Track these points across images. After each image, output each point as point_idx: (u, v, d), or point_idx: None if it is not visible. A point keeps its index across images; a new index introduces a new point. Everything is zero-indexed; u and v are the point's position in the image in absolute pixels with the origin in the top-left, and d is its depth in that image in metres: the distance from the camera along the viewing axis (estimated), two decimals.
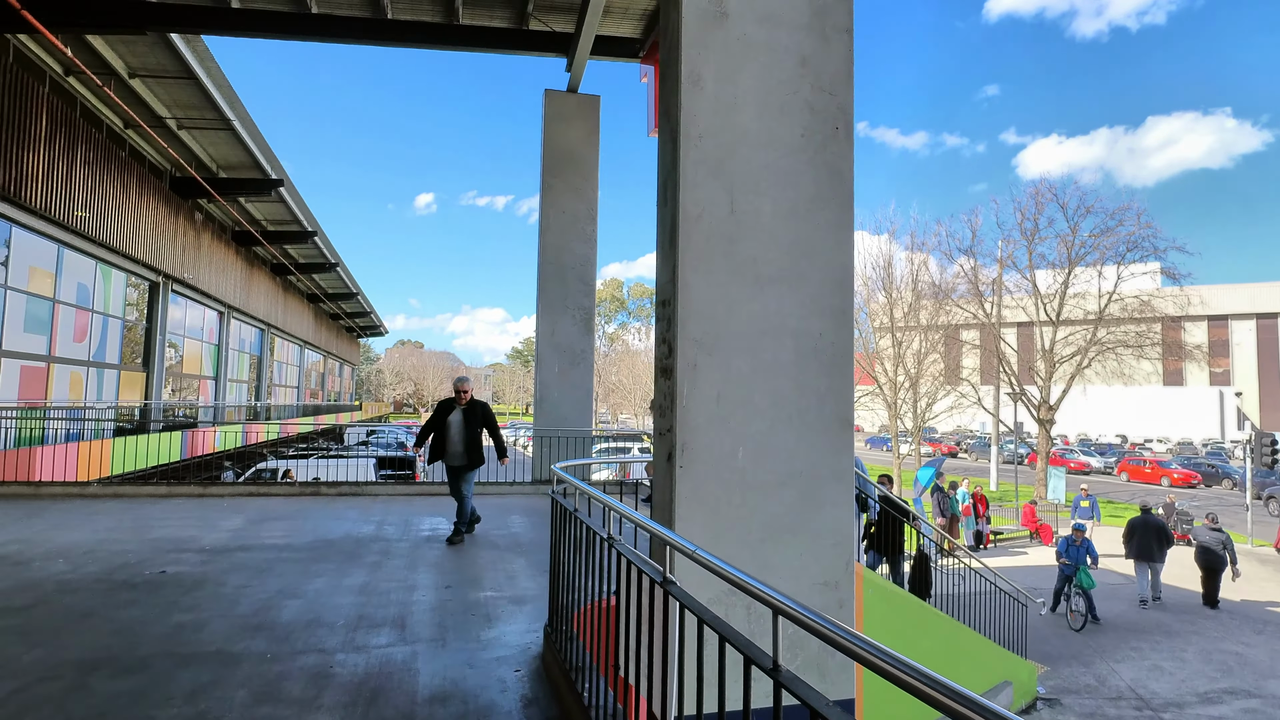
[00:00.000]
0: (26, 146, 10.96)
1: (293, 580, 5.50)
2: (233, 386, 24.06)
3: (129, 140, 16.05)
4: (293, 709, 3.25)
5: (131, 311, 16.46)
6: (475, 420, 7.30)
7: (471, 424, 7.26)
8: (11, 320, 11.80)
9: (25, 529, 7.28)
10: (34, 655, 3.82)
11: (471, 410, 7.32)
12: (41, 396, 12.84)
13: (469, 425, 7.24)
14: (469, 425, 7.24)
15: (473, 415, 7.30)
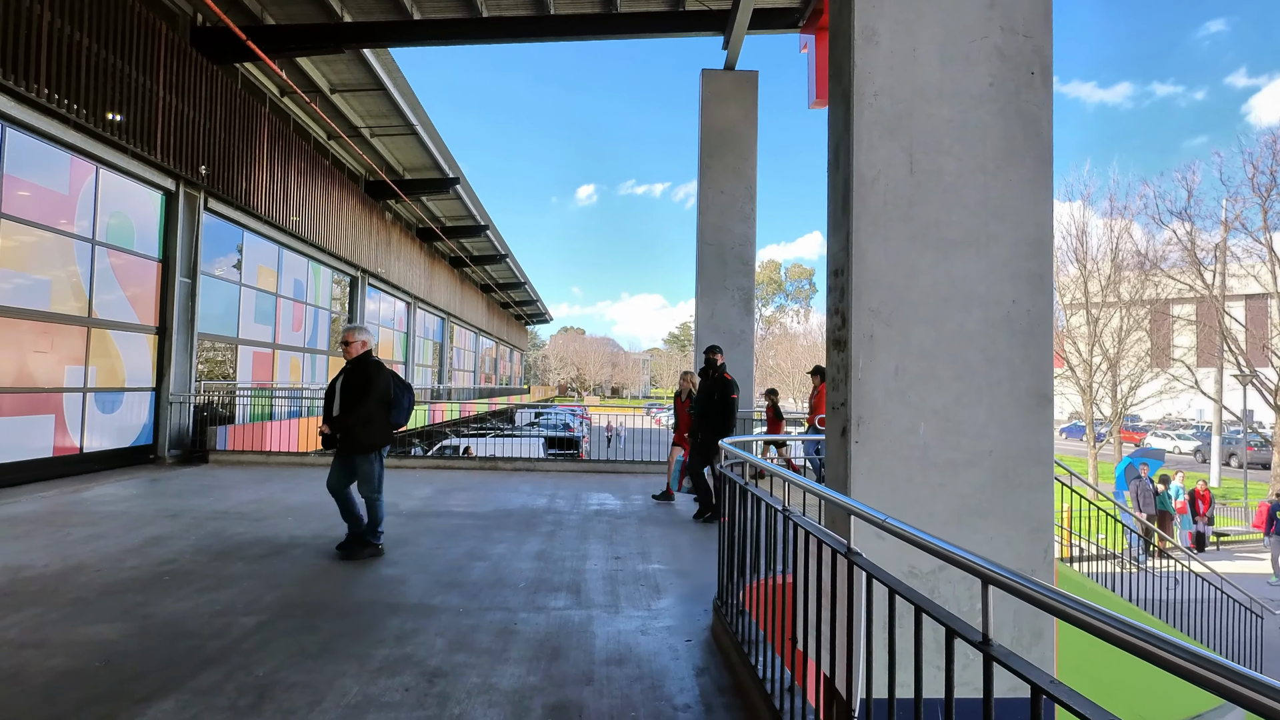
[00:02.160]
0: (253, 161, 12.61)
1: (478, 544, 5.93)
2: (418, 370, 26.35)
3: (331, 150, 17.97)
4: (484, 658, 3.51)
5: (336, 304, 18.49)
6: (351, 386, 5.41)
7: (348, 391, 5.41)
8: (246, 313, 13.69)
9: (261, 491, 8.43)
10: (273, 596, 4.41)
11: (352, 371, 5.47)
12: (269, 378, 14.80)
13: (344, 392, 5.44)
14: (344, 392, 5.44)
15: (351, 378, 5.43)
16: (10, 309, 8.22)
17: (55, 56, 8.09)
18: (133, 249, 10.33)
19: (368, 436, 5.37)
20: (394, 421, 5.51)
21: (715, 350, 7.28)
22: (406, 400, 5.56)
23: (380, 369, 5.47)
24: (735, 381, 7.31)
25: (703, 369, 7.37)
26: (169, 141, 10.19)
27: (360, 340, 5.52)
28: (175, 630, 3.78)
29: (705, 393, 7.21)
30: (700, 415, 7.18)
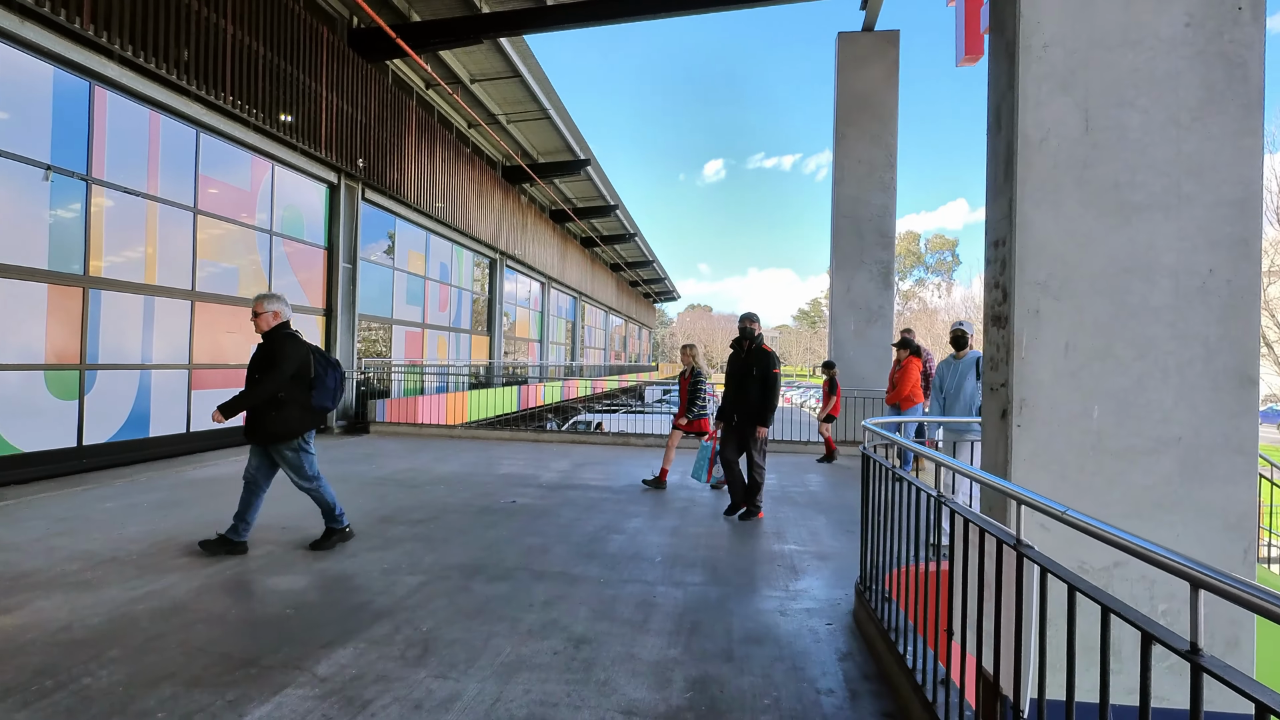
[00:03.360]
0: (403, 152, 13.46)
1: (614, 518, 6.10)
2: (553, 348, 27.34)
3: (471, 138, 18.84)
4: (626, 628, 3.61)
5: (477, 285, 19.49)
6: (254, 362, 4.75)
7: (253, 369, 4.73)
8: (399, 295, 14.73)
9: (414, 460, 9.09)
10: (431, 558, 4.75)
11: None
12: (419, 356, 15.88)
13: (249, 370, 4.80)
14: (249, 370, 4.80)
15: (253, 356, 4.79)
16: (207, 294, 9.30)
17: (236, 65, 8.97)
18: (303, 238, 11.36)
19: (279, 423, 4.58)
20: (318, 404, 4.77)
21: (751, 319, 6.37)
22: (332, 379, 4.82)
23: (293, 344, 4.67)
24: (777, 354, 6.33)
25: (736, 340, 6.39)
26: (332, 138, 11.08)
27: (271, 310, 4.74)
28: (349, 585, 4.16)
29: (741, 367, 6.24)
30: (736, 394, 6.26)
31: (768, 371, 6.12)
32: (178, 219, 8.82)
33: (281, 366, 4.55)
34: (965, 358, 6.48)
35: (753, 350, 6.22)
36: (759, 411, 6.14)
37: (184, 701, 2.72)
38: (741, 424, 6.22)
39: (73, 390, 7.42)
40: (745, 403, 6.17)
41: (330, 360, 4.91)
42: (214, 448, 9.32)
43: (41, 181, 7.05)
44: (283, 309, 4.80)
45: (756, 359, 6.15)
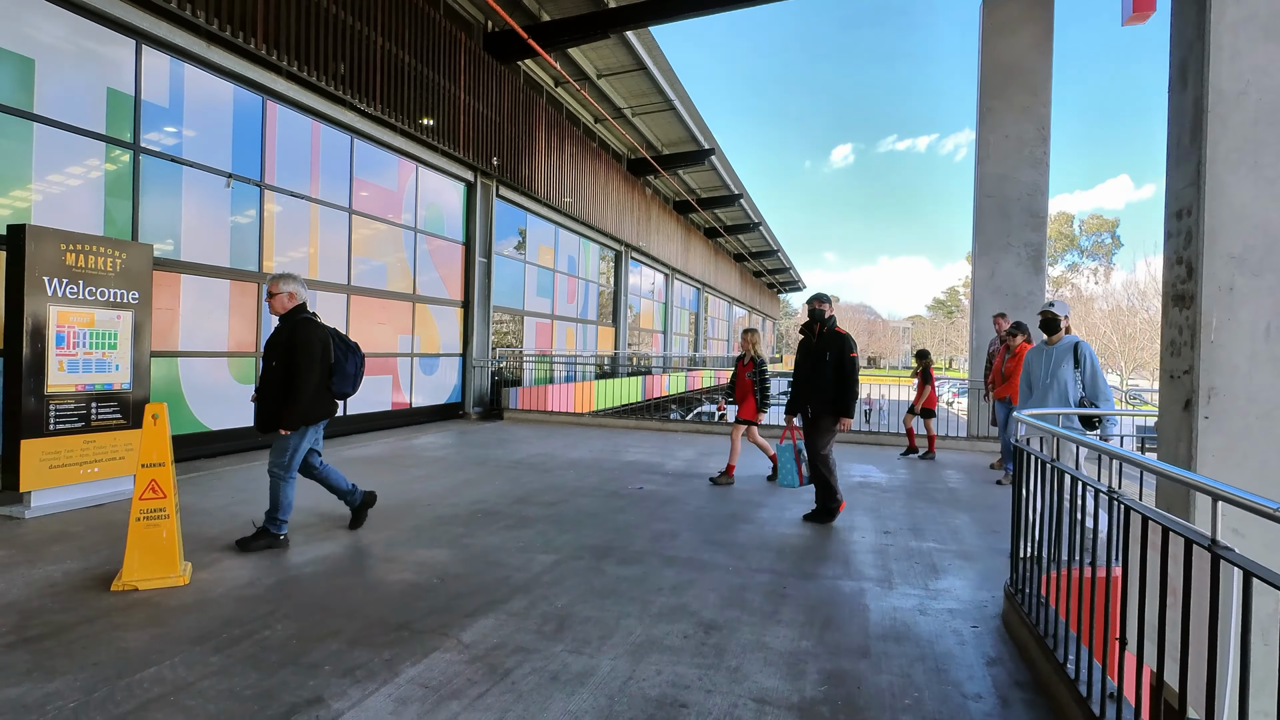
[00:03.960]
0: (534, 149, 13.95)
1: (741, 507, 6.03)
2: (675, 339, 27.46)
3: (597, 133, 19.21)
4: (756, 617, 3.56)
5: (603, 277, 19.90)
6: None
7: (270, 354, 4.54)
8: (530, 288, 15.31)
9: (545, 446, 9.41)
10: (563, 539, 4.90)
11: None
12: (549, 346, 16.44)
13: (265, 356, 4.66)
14: (265, 356, 4.66)
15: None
16: (360, 288, 10.06)
17: (385, 74, 9.61)
18: (443, 234, 12.03)
19: (290, 412, 4.38)
20: (337, 390, 4.60)
21: (822, 299, 5.79)
22: (351, 364, 4.66)
23: (311, 328, 4.45)
24: (852, 337, 5.71)
25: (806, 324, 5.82)
26: (469, 138, 11.65)
27: (287, 292, 4.54)
28: (488, 560, 4.37)
29: (814, 353, 5.66)
30: (806, 383, 5.67)
31: (843, 356, 5.53)
32: (335, 219, 9.60)
33: (310, 353, 4.39)
34: (1059, 344, 5.75)
35: (825, 334, 5.66)
36: (836, 401, 5.55)
37: (346, 657, 2.95)
38: (817, 416, 5.64)
39: (250, 375, 8.27)
40: (819, 392, 5.60)
41: (350, 344, 4.72)
42: (363, 430, 10.10)
43: (224, 189, 7.88)
44: (299, 290, 4.59)
45: (830, 343, 5.60)
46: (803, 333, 5.85)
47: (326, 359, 4.52)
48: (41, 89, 6.10)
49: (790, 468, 6.33)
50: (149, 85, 6.99)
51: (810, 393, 5.65)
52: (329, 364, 4.54)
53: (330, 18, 8.54)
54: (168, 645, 3.00)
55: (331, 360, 4.56)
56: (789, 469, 6.34)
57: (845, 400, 5.53)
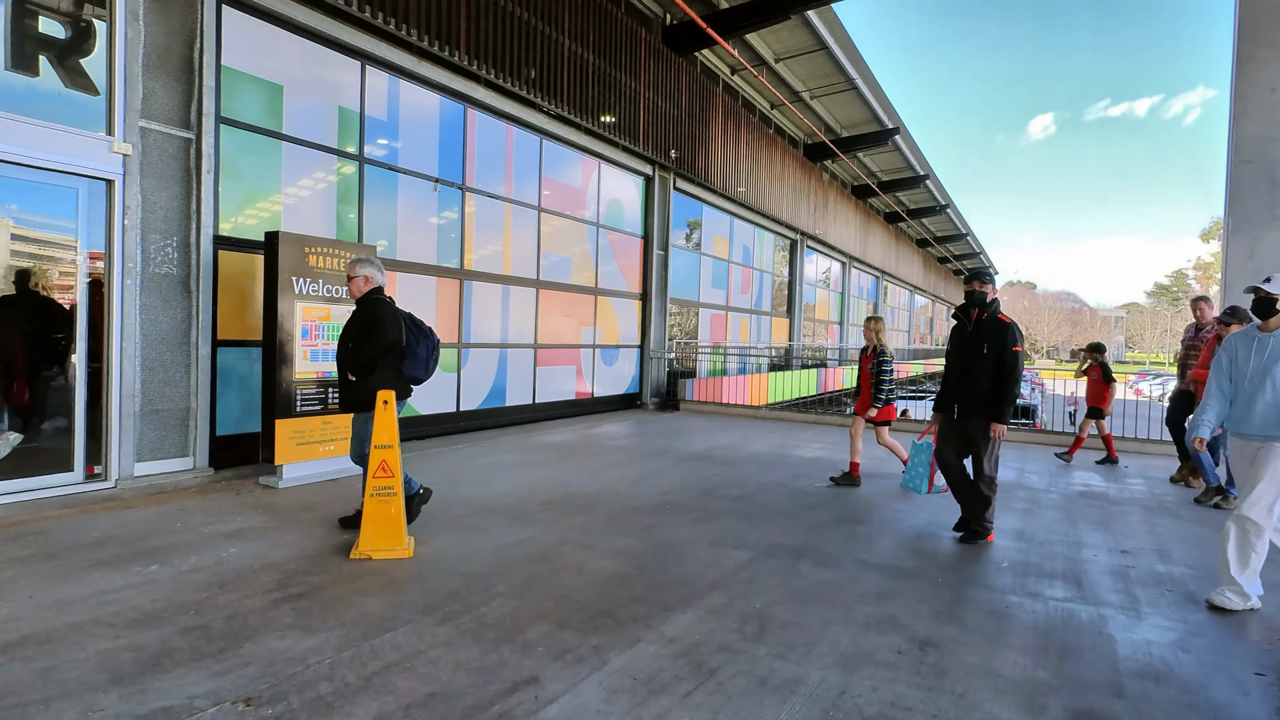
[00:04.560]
0: (710, 139, 13.88)
1: (939, 514, 5.57)
2: (853, 330, 26.28)
3: (773, 120, 18.78)
4: (977, 637, 3.24)
5: (777, 267, 19.46)
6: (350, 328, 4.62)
7: (346, 337, 4.63)
8: (704, 279, 15.31)
9: (723, 438, 9.34)
10: (754, 536, 4.79)
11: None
12: (723, 338, 16.36)
13: (342, 339, 4.70)
14: (342, 339, 4.70)
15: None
16: (548, 282, 10.56)
17: (571, 75, 9.96)
18: (623, 228, 12.32)
19: (364, 393, 4.41)
20: (409, 374, 4.61)
21: (982, 278, 4.83)
22: (424, 348, 4.63)
23: (384, 310, 4.46)
24: (1018, 327, 4.82)
25: (962, 307, 4.94)
26: (649, 132, 11.81)
27: (363, 275, 4.59)
28: (680, 553, 4.36)
29: (969, 343, 4.80)
30: (960, 378, 4.83)
31: (1004, 349, 4.62)
32: (525, 217, 10.13)
33: (384, 330, 4.37)
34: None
35: (985, 321, 4.77)
36: (991, 403, 4.67)
37: (557, 640, 3.04)
38: (966, 418, 4.80)
39: (453, 365, 8.95)
40: (972, 390, 4.74)
41: (423, 329, 4.68)
42: (553, 417, 10.60)
43: (431, 192, 8.56)
44: (374, 273, 4.61)
45: (989, 332, 4.71)
46: (957, 317, 4.99)
47: (397, 344, 4.48)
48: (288, 111, 6.94)
49: (921, 470, 5.54)
50: (371, 102, 7.74)
51: (961, 390, 4.81)
52: (400, 347, 4.51)
53: (522, 25, 8.98)
54: (400, 613, 3.26)
55: (403, 343, 4.52)
56: (918, 471, 5.58)
57: (1000, 402, 4.64)
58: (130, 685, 2.54)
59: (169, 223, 5.88)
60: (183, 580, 3.59)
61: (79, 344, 5.47)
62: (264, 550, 4.13)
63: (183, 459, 6.02)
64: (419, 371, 4.60)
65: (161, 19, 5.77)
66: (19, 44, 5.12)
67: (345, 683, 2.61)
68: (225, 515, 4.84)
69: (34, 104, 5.14)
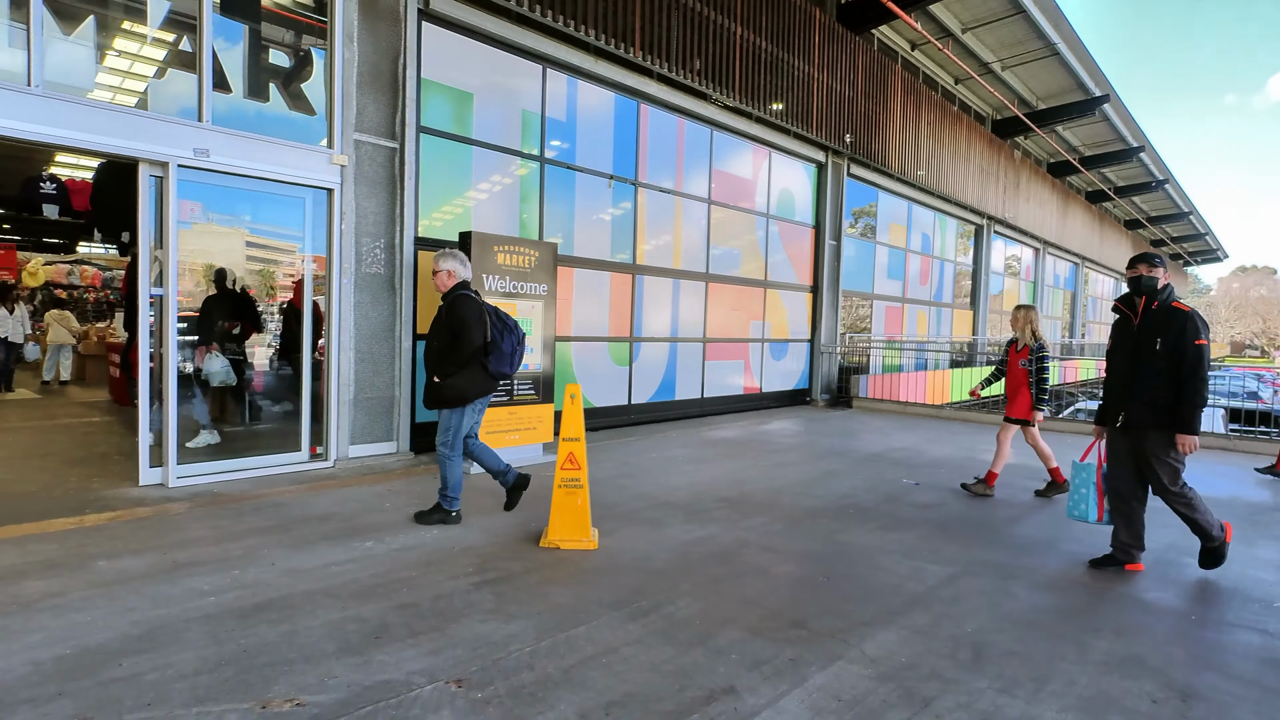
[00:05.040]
0: (887, 121, 13.07)
1: (1182, 536, 4.79)
2: (1045, 323, 23.82)
3: (958, 96, 17.37)
4: (1252, 690, 2.70)
5: (960, 254, 18.02)
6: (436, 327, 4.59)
7: (432, 335, 4.61)
8: (879, 269, 14.48)
9: (903, 439, 8.75)
10: (952, 549, 4.37)
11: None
12: (899, 331, 15.42)
13: (429, 336, 4.65)
14: (429, 336, 4.65)
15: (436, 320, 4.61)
16: (717, 275, 10.44)
17: (743, 62, 9.74)
18: (793, 218, 11.92)
19: (451, 388, 4.42)
20: (494, 370, 4.52)
21: (1150, 261, 3.97)
22: (508, 343, 4.54)
23: (467, 306, 4.42)
24: (1201, 316, 3.88)
25: (1125, 296, 4.13)
26: (821, 117, 11.32)
27: (446, 270, 4.58)
28: (871, 563, 4.07)
29: (1136, 339, 4.01)
30: (1123, 381, 4.04)
31: (1184, 343, 3.78)
32: (695, 210, 10.07)
33: (468, 334, 4.35)
34: None
35: (1156, 311, 3.95)
36: (1174, 410, 3.83)
37: (750, 648, 2.91)
38: (1135, 430, 3.98)
39: (625, 358, 9.09)
40: (1143, 396, 3.93)
41: (508, 323, 4.62)
42: (720, 412, 10.49)
43: (605, 189, 8.73)
44: (457, 268, 4.60)
45: (1162, 325, 3.89)
46: (1119, 310, 4.17)
47: (482, 336, 4.44)
48: (478, 117, 7.34)
49: (1087, 494, 4.34)
50: (551, 103, 8.01)
51: (1129, 395, 4.00)
52: (485, 342, 4.47)
53: (695, 16, 8.89)
54: (590, 606, 3.29)
55: (488, 338, 4.47)
56: (1083, 495, 4.35)
57: (1186, 409, 3.79)
58: (356, 656, 2.73)
59: (377, 226, 6.41)
60: (394, 558, 3.87)
61: (305, 338, 6.11)
62: (461, 534, 4.36)
63: (387, 443, 6.56)
64: (504, 367, 4.57)
65: (372, 39, 6.29)
66: (254, 75, 5.80)
67: (546, 674, 2.64)
68: (425, 498, 5.19)
69: (264, 126, 5.80)
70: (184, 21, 5.42)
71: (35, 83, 4.66)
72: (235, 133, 5.51)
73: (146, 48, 5.45)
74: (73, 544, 3.92)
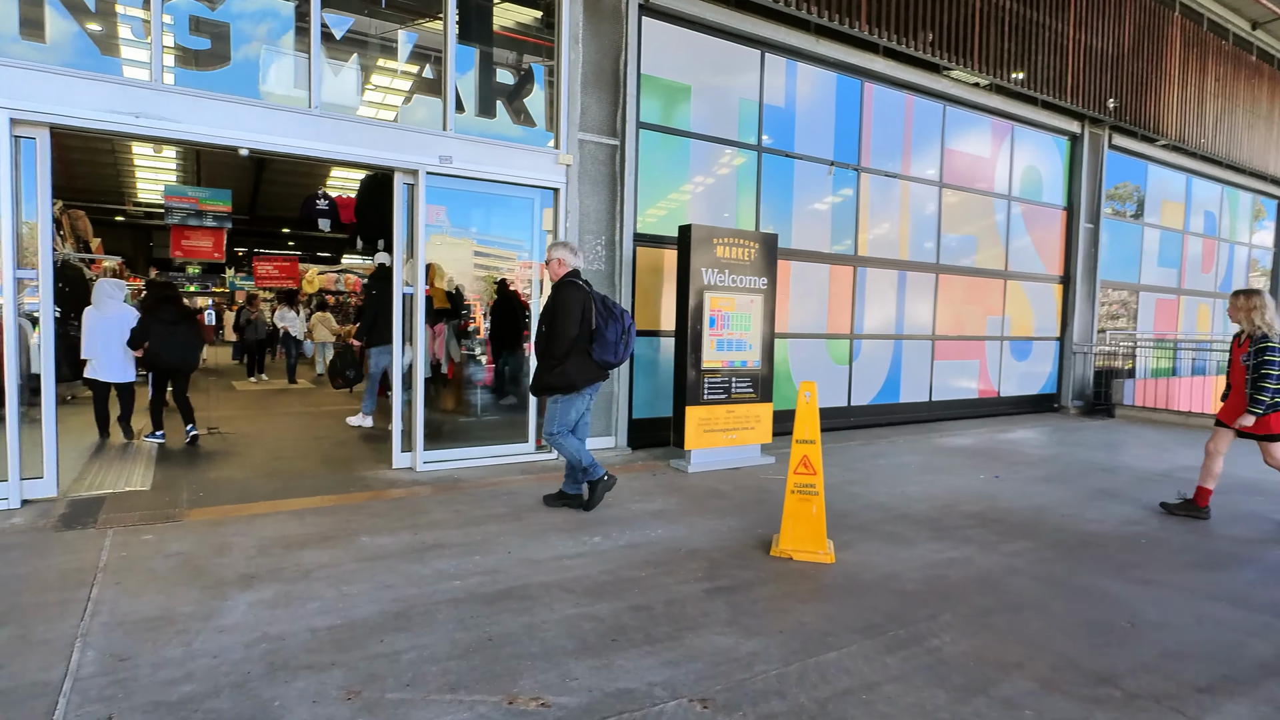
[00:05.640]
0: (1161, 80, 11.07)
1: None
2: None
3: (1255, 42, 14.35)
4: None
5: (1259, 235, 14.89)
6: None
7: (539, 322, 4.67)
8: (1148, 255, 12.34)
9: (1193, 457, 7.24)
10: None
11: None
12: (1172, 328, 13.05)
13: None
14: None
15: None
16: (949, 266, 9.44)
17: (982, 26, 8.70)
18: (1039, 199, 10.48)
19: (558, 375, 4.44)
20: (599, 359, 4.48)
21: None
22: (613, 332, 4.48)
23: (568, 294, 4.45)
24: None
25: None
26: (1077, 81, 9.83)
27: (556, 258, 4.63)
28: (1193, 610, 3.26)
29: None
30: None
31: None
32: (925, 195, 9.17)
33: (565, 314, 4.38)
34: None
35: None
36: None
37: (1049, 705, 2.38)
38: None
39: (844, 356, 8.50)
40: None
41: (614, 312, 4.55)
42: (951, 418, 9.47)
43: (825, 176, 8.21)
44: (566, 255, 4.62)
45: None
46: None
47: (586, 323, 4.44)
48: (695, 110, 7.20)
49: None
50: (769, 89, 7.67)
51: None
52: (589, 329, 4.45)
53: None
54: (838, 630, 2.92)
55: (592, 326, 4.45)
56: None
57: None
58: (596, 658, 2.61)
59: (599, 224, 6.49)
60: (623, 555, 3.77)
61: (532, 334, 6.35)
62: (685, 534, 4.18)
63: (607, 438, 6.63)
64: (609, 356, 4.52)
65: (595, 39, 6.38)
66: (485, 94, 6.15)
67: (799, 705, 2.33)
68: (647, 494, 5.11)
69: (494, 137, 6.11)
70: (426, 53, 5.86)
71: (314, 104, 5.24)
72: (472, 138, 5.84)
73: (396, 80, 6.04)
74: (340, 519, 4.30)
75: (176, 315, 6.45)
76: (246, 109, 4.97)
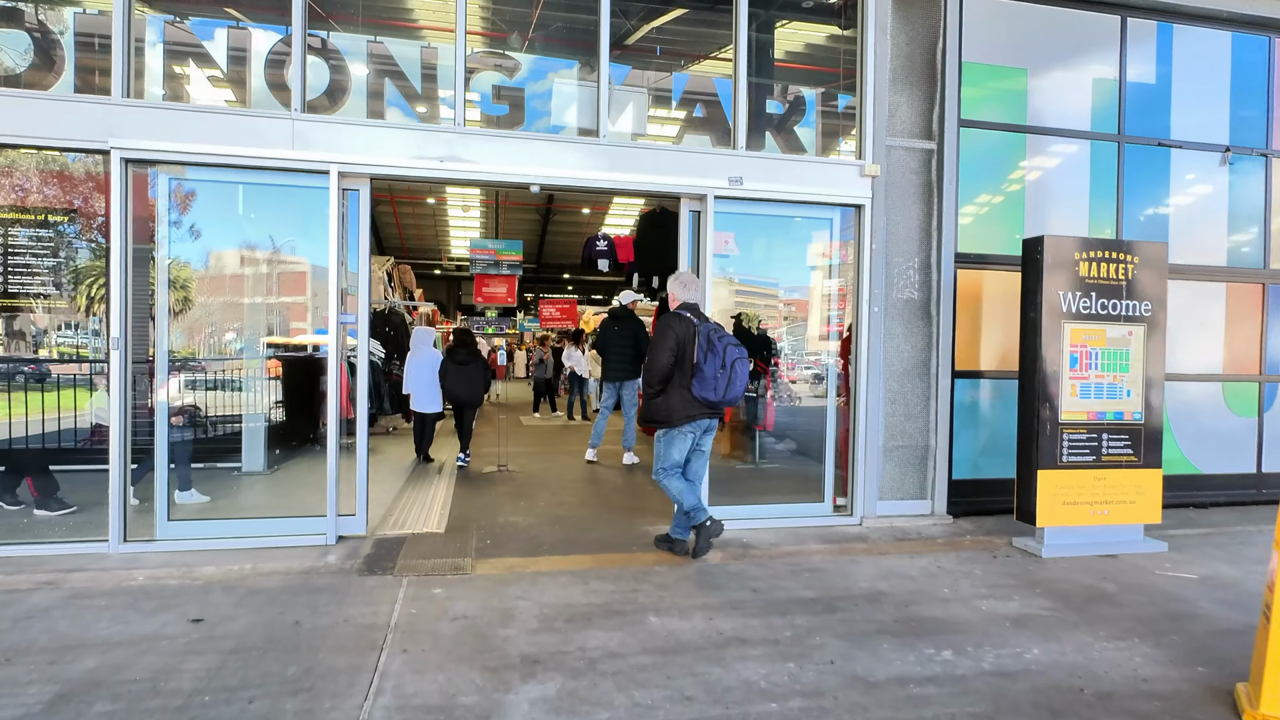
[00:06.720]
0: None
1: None
2: None
3: None
4: None
5: None
6: None
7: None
8: None
9: None
10: None
11: None
12: None
13: None
14: None
15: None
16: None
17: None
18: None
19: (659, 410, 4.24)
20: (699, 397, 4.15)
21: None
22: (710, 368, 4.12)
23: (668, 324, 4.22)
24: None
25: None
26: None
27: (670, 293, 4.48)
28: None
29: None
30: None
31: None
32: None
33: (654, 353, 4.21)
34: None
35: None
36: None
37: None
38: None
39: (1250, 406, 6.29)
40: None
41: (715, 347, 4.17)
42: None
43: (1217, 166, 6.21)
44: (676, 290, 4.43)
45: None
46: None
47: (686, 357, 4.19)
48: (1031, 98, 5.83)
49: None
50: (1133, 63, 6.00)
51: None
52: (689, 367, 4.19)
53: None
54: None
55: (693, 360, 4.17)
56: None
57: None
58: None
59: (909, 243, 5.43)
60: (995, 689, 2.67)
61: (830, 375, 5.44)
62: (1078, 663, 2.94)
63: (919, 501, 5.44)
64: (708, 394, 4.17)
65: (905, 27, 5.41)
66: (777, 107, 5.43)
67: None
68: (995, 586, 3.89)
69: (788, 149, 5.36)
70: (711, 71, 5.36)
71: (602, 134, 4.96)
72: (766, 155, 5.21)
73: (676, 110, 5.66)
74: (625, 587, 3.76)
75: (467, 356, 7.33)
76: (540, 143, 4.86)
